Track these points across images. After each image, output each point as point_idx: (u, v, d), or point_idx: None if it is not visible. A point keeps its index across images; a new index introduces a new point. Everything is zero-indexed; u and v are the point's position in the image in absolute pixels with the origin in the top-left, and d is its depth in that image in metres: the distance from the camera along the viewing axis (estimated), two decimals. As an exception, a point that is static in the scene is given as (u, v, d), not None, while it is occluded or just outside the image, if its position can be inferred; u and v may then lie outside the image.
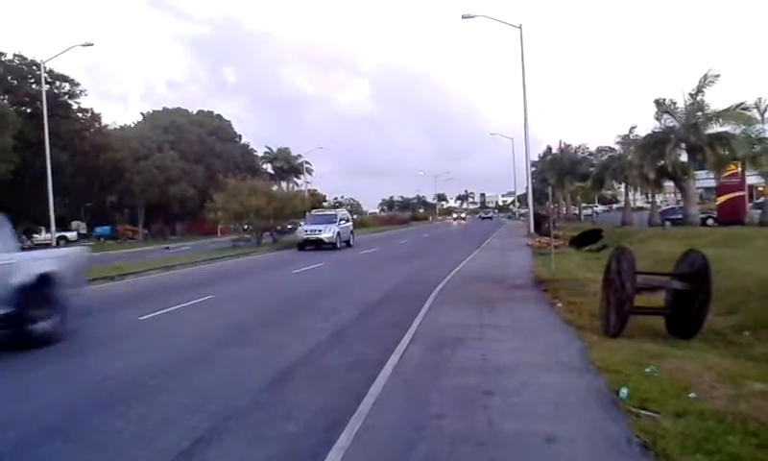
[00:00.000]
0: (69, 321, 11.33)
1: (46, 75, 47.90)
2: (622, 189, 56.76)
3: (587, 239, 29.70)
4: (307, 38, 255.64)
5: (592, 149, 65.17)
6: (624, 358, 7.43)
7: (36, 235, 56.06)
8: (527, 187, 47.17)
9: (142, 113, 79.51)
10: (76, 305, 11.82)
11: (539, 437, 5.23)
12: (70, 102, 58.35)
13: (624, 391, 6.11)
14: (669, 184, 43.84)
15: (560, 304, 12.11)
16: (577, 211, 74.18)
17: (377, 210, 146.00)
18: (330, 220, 38.56)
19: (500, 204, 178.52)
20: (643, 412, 5.60)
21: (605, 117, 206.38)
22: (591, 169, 59.69)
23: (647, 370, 6.85)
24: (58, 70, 55.05)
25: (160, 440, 5.78)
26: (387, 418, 5.96)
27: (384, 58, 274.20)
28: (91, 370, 8.92)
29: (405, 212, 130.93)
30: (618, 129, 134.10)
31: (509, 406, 6.09)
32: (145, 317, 13.13)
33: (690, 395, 5.98)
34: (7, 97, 51.08)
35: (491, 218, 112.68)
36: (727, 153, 32.84)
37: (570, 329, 9.79)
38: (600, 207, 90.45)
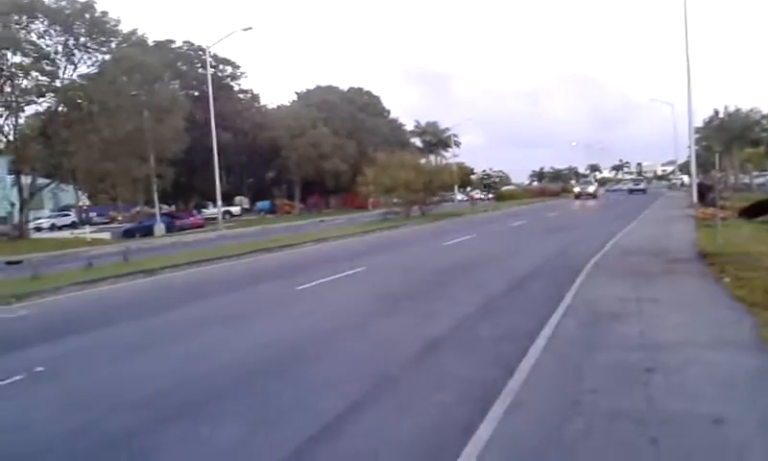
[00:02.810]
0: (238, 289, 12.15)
1: (211, 59, 51.10)
2: (802, 155, 51.56)
3: (759, 210, 27.24)
4: (456, 11, 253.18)
5: (766, 112, 59.56)
6: (804, 338, 6.79)
7: (204, 210, 60.44)
8: (689, 155, 44.11)
9: (296, 92, 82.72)
10: (240, 276, 12.69)
11: (705, 418, 4.90)
12: (232, 84, 62.08)
13: (804, 373, 5.60)
14: None
15: (727, 279, 11.23)
16: (747, 180, 68.40)
17: (527, 182, 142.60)
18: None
19: (659, 173, 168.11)
20: (827, 397, 5.10)
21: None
22: (764, 134, 54.70)
23: (832, 351, 6.22)
24: (221, 54, 58.62)
25: (318, 403, 6.07)
26: (540, 391, 5.85)
27: (535, 26, 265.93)
28: (255, 335, 9.55)
29: (556, 183, 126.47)
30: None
31: (671, 385, 5.76)
32: (302, 287, 13.78)
33: None
34: (177, 82, 55.09)
35: (642, 191, 79.98)
36: None
37: (740, 306, 9.05)
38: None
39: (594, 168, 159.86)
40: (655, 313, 8.84)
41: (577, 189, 75.02)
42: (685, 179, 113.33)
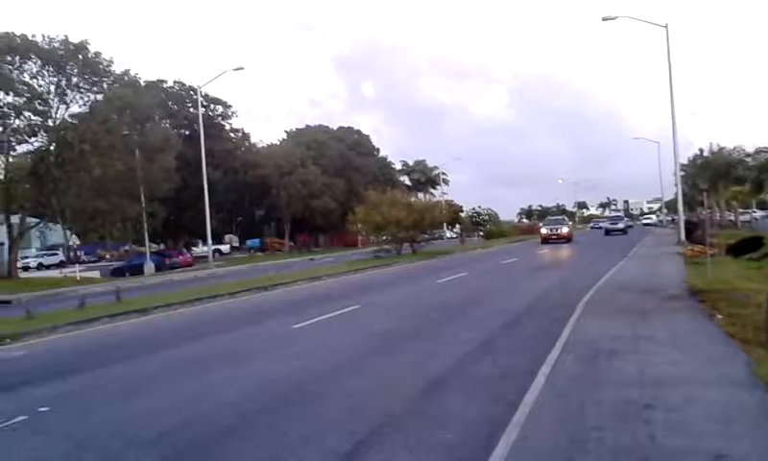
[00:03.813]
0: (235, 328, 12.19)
1: (202, 99, 51.56)
2: (785, 192, 52.41)
3: (746, 247, 27.62)
4: (443, 50, 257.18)
5: (749, 150, 60.61)
6: (798, 374, 6.93)
7: (194, 248, 60.37)
8: (676, 193, 44.70)
9: (286, 131, 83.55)
10: (236, 314, 12.74)
11: (707, 454, 5.01)
12: (223, 123, 62.58)
13: (801, 409, 5.73)
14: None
15: (719, 316, 11.41)
16: (733, 217, 69.26)
17: (515, 219, 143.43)
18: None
19: (645, 210, 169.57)
20: (824, 432, 5.23)
21: (763, 115, 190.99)
22: (748, 172, 55.62)
23: (826, 387, 6.37)
24: (212, 94, 59.19)
25: (325, 441, 6.13)
26: (543, 429, 5.95)
27: (521, 64, 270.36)
28: (256, 374, 9.59)
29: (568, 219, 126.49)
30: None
31: (671, 422, 5.87)
32: (298, 325, 13.84)
33: None
34: (168, 121, 55.47)
35: (622, 231, 62.22)
36: None
37: (733, 343, 9.21)
38: (759, 213, 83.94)
39: (582, 205, 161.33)
40: (651, 350, 8.98)
41: (544, 230, 54.30)
42: (655, 217, 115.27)
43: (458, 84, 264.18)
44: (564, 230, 53.75)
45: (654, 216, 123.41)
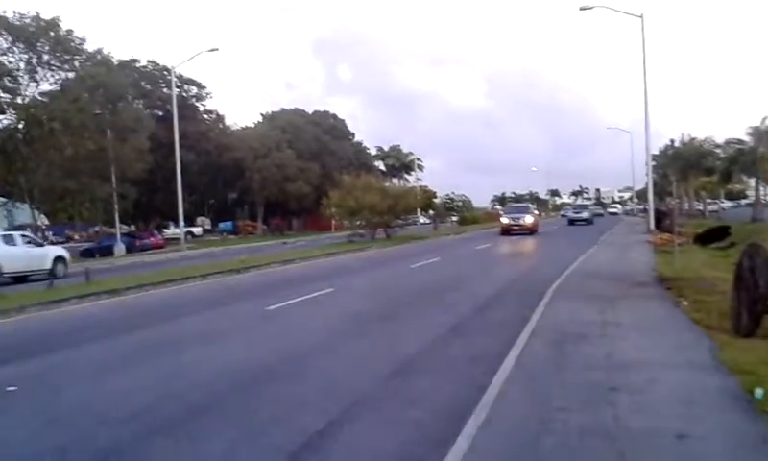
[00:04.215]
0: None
1: (176, 79, 50.89)
2: (752, 183, 53.43)
3: (713, 236, 28.22)
4: (421, 36, 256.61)
5: (719, 141, 61.60)
6: (758, 359, 7.13)
7: (165, 230, 59.79)
8: (647, 182, 45.36)
9: (262, 114, 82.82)
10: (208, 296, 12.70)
11: (669, 434, 5.17)
12: (197, 104, 61.94)
13: (759, 391, 5.91)
14: (806, 178, 40.83)
15: (685, 303, 11.68)
16: (701, 207, 70.48)
17: (489, 206, 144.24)
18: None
19: (617, 199, 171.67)
20: (781, 413, 5.42)
21: (734, 107, 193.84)
22: (718, 163, 56.59)
23: (785, 371, 6.58)
24: (186, 74, 58.46)
25: (296, 420, 6.19)
26: (511, 409, 6.07)
27: (498, 53, 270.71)
28: (229, 355, 9.61)
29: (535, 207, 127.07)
30: (749, 120, 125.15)
31: (636, 403, 6.03)
32: (271, 308, 13.85)
33: (833, 397, 5.72)
34: (142, 101, 54.72)
35: (586, 221, 59.23)
36: None
37: (698, 328, 9.46)
38: (727, 203, 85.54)
39: (554, 193, 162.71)
40: (618, 335, 9.18)
41: (505, 220, 45.01)
42: (620, 207, 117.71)
43: (434, 71, 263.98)
44: (529, 219, 44.12)
45: (619, 206, 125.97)
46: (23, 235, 27.89)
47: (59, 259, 27.20)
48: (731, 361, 7.20)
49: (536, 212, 50.25)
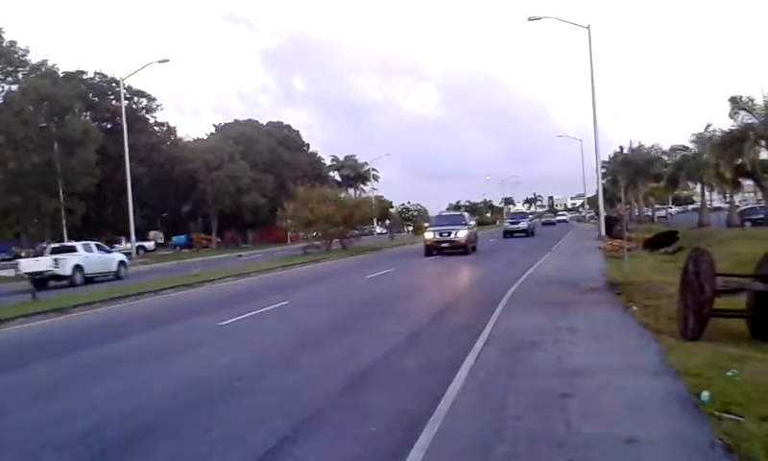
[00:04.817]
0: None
1: (125, 91, 50.00)
2: (698, 189, 55.00)
3: (661, 241, 28.95)
4: (374, 46, 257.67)
5: (666, 148, 63.26)
6: (704, 362, 7.30)
7: (117, 245, 58.45)
8: (597, 189, 46.26)
9: (214, 125, 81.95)
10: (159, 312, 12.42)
11: (618, 439, 5.23)
12: (147, 116, 60.92)
13: (706, 394, 6.03)
14: (748, 183, 42.20)
15: (635, 308, 11.91)
16: (650, 213, 72.20)
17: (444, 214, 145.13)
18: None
19: (569, 206, 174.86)
20: (726, 415, 5.52)
21: (679, 115, 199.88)
22: (665, 169, 58.01)
23: (729, 373, 6.72)
24: (136, 86, 57.44)
25: (249, 438, 6.07)
26: (465, 419, 6.07)
27: (451, 62, 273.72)
28: (179, 373, 9.39)
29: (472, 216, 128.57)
30: (693, 127, 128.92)
31: (587, 409, 6.10)
32: (224, 323, 13.62)
33: (775, 398, 5.86)
34: (89, 114, 53.58)
35: (525, 232, 52.53)
36: (810, 149, 31.39)
37: (647, 333, 9.64)
38: (674, 209, 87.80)
39: (508, 201, 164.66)
40: (570, 341, 9.29)
41: (429, 234, 34.81)
42: (568, 214, 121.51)
43: (389, 80, 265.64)
44: (461, 233, 33.19)
45: (567, 213, 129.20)
46: (97, 244, 32.81)
47: (121, 263, 31.77)
48: (678, 365, 7.33)
49: (472, 223, 38.87)
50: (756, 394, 6.01)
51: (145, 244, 62.13)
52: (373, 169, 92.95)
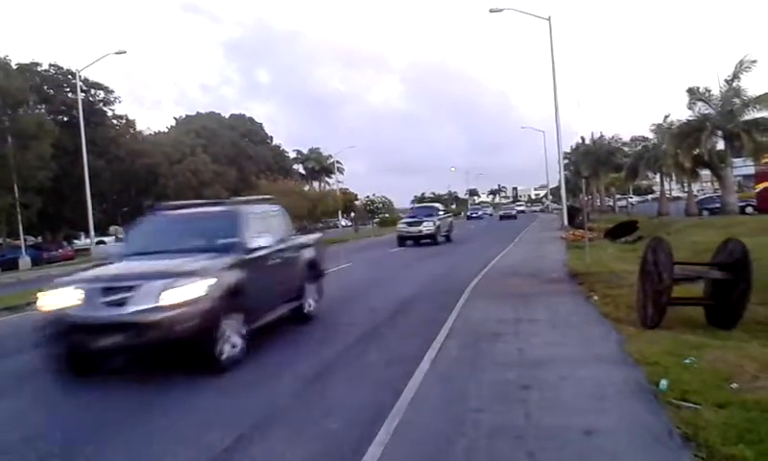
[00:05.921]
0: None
1: (81, 83, 48.87)
2: (657, 179, 55.97)
3: (622, 231, 29.35)
4: (338, 38, 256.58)
5: (626, 139, 64.33)
6: (663, 350, 7.34)
7: (76, 241, 57.30)
8: (560, 180, 46.74)
9: (175, 118, 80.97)
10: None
11: (578, 430, 5.21)
12: (105, 109, 59.61)
13: (664, 382, 6.05)
14: (706, 173, 43.09)
15: (596, 297, 11.99)
16: (611, 203, 73.31)
17: (409, 207, 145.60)
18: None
19: (533, 197, 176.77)
20: (684, 403, 5.54)
21: (639, 106, 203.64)
22: (625, 159, 58.99)
23: (687, 361, 6.77)
24: (92, 79, 56.19)
25: (204, 437, 5.90)
26: (425, 413, 6.00)
27: (414, 54, 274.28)
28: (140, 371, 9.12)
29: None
30: (652, 118, 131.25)
31: (547, 400, 6.08)
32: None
33: (732, 385, 5.91)
34: (44, 106, 52.27)
35: (430, 238, 33.59)
36: (765, 139, 32.13)
37: (607, 322, 9.70)
38: (635, 198, 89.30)
39: (473, 193, 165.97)
40: (532, 332, 9.29)
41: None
42: (525, 205, 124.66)
43: (353, 72, 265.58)
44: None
45: (524, 205, 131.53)
46: None
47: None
48: (637, 353, 7.37)
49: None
50: (713, 381, 6.06)
51: (105, 239, 60.97)
52: (338, 162, 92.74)
